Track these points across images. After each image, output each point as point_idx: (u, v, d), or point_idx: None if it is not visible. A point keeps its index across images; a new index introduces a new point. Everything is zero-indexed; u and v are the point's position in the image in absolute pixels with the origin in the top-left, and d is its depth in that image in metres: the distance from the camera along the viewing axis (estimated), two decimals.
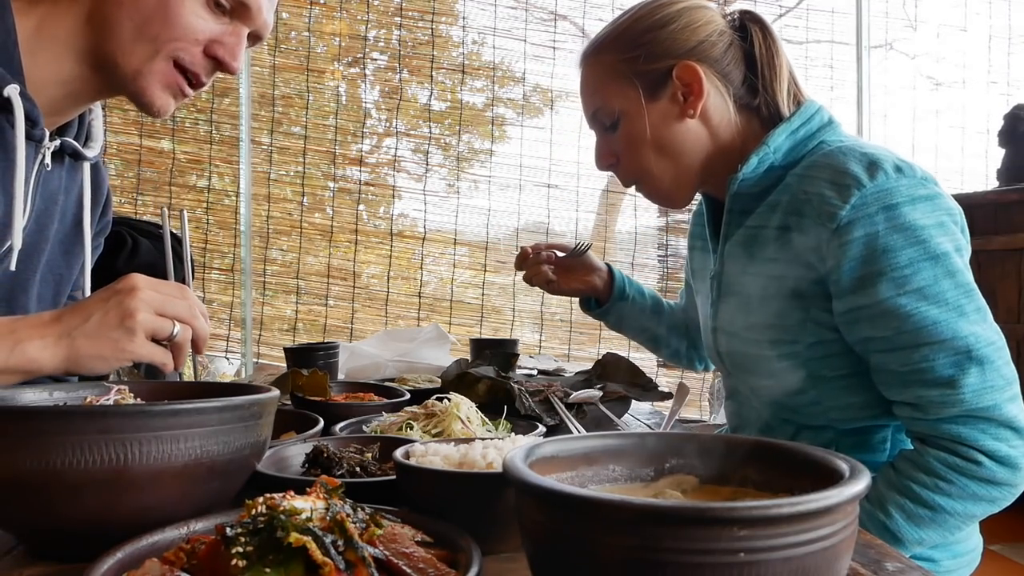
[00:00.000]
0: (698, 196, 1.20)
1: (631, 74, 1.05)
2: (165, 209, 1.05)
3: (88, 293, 1.14)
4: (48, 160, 0.98)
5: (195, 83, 0.96)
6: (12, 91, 0.88)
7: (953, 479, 0.88)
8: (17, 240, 0.94)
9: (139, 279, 0.83)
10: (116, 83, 0.95)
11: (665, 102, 1.05)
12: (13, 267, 0.95)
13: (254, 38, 1.00)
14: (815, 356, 0.99)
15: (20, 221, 0.94)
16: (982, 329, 0.88)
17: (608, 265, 1.40)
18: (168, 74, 0.94)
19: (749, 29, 1.07)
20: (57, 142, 0.99)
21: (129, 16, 0.91)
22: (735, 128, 1.07)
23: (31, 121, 0.92)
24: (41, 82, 0.93)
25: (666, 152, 1.06)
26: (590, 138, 1.15)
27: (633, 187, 1.15)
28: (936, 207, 0.91)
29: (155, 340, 0.84)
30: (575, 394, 1.27)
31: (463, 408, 1.01)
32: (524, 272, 1.36)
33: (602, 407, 1.22)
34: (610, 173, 1.20)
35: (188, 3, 0.91)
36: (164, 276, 0.99)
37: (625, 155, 1.10)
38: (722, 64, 1.05)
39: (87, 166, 1.09)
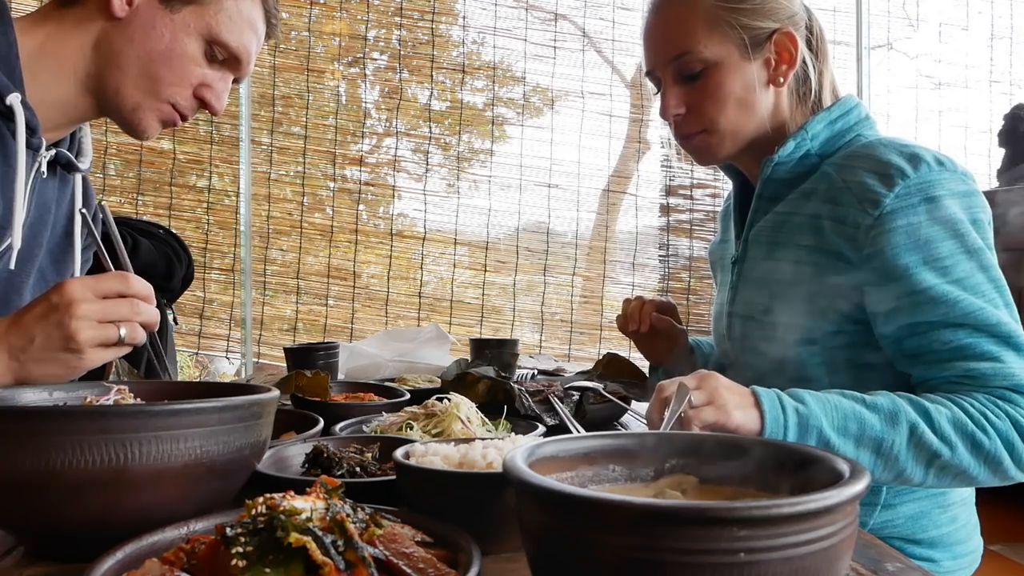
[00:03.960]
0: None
1: (736, 25, 1.01)
2: (101, 204, 1.09)
3: None
4: (44, 168, 1.02)
5: (181, 118, 1.05)
6: (14, 99, 0.92)
7: (1001, 416, 0.85)
8: (17, 239, 0.96)
9: (74, 289, 0.79)
10: (111, 110, 1.01)
11: (758, 64, 1.03)
12: (13, 265, 0.97)
13: (234, 81, 1.09)
14: (830, 345, 0.99)
15: (20, 222, 0.96)
16: (1014, 322, 0.90)
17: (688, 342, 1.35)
18: (164, 110, 1.02)
19: (808, 14, 1.08)
20: (53, 152, 1.03)
21: (138, 55, 0.97)
22: (789, 109, 1.07)
23: (30, 129, 0.96)
24: (39, 101, 0.97)
25: (744, 115, 1.04)
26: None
27: (676, 140, 1.11)
28: (973, 203, 0.94)
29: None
30: (576, 382, 1.27)
31: (463, 408, 1.01)
32: (627, 314, 1.30)
33: (606, 394, 1.22)
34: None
35: (190, 52, 0.99)
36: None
37: (702, 107, 1.04)
38: (801, 40, 1.05)
39: (79, 179, 1.12)
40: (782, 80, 1.04)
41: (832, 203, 0.98)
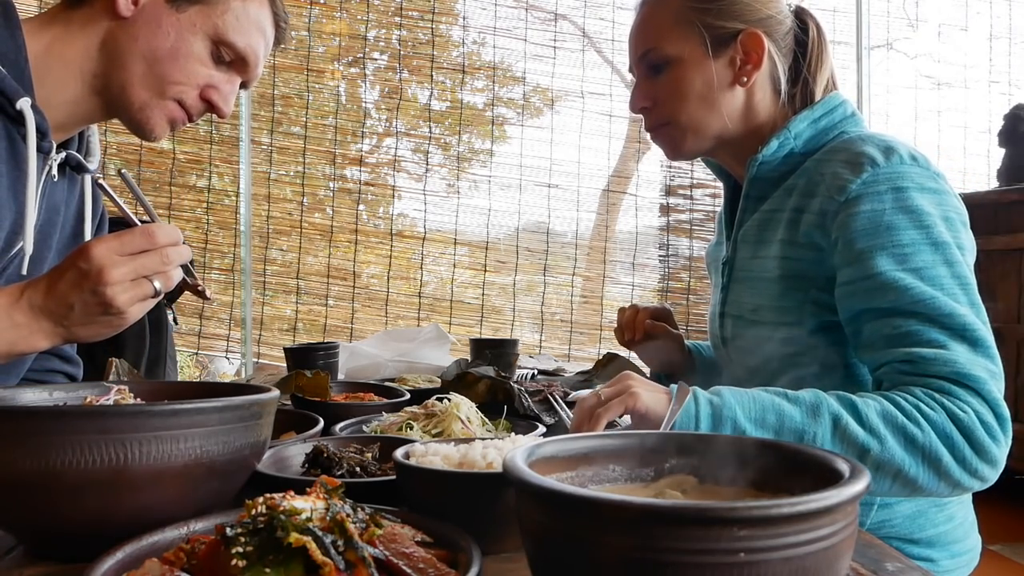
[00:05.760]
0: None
1: (699, 24, 1.04)
2: (121, 171, 1.10)
3: None
4: (55, 171, 1.02)
5: (188, 118, 1.04)
6: (24, 104, 0.92)
7: (936, 408, 0.82)
8: (29, 244, 0.96)
9: (100, 254, 0.79)
10: (118, 109, 1.01)
11: (722, 63, 1.05)
12: (25, 271, 0.97)
13: (242, 86, 1.08)
14: (818, 344, 0.99)
15: (32, 226, 0.96)
16: (976, 319, 0.87)
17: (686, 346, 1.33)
18: (172, 109, 1.01)
19: (807, 21, 1.10)
20: (63, 154, 1.03)
21: (143, 54, 0.97)
22: (770, 110, 1.08)
23: (40, 133, 0.95)
24: (46, 101, 0.97)
25: (704, 111, 1.06)
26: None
27: (648, 133, 1.14)
28: (943, 202, 0.93)
29: None
30: (575, 394, 1.27)
31: (463, 408, 1.01)
32: (622, 324, 1.29)
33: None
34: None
35: (196, 51, 0.99)
36: None
37: (665, 102, 1.08)
38: (780, 45, 1.06)
39: (88, 179, 1.12)
40: (746, 80, 1.05)
41: (809, 196, 0.99)
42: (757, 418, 0.83)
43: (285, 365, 1.67)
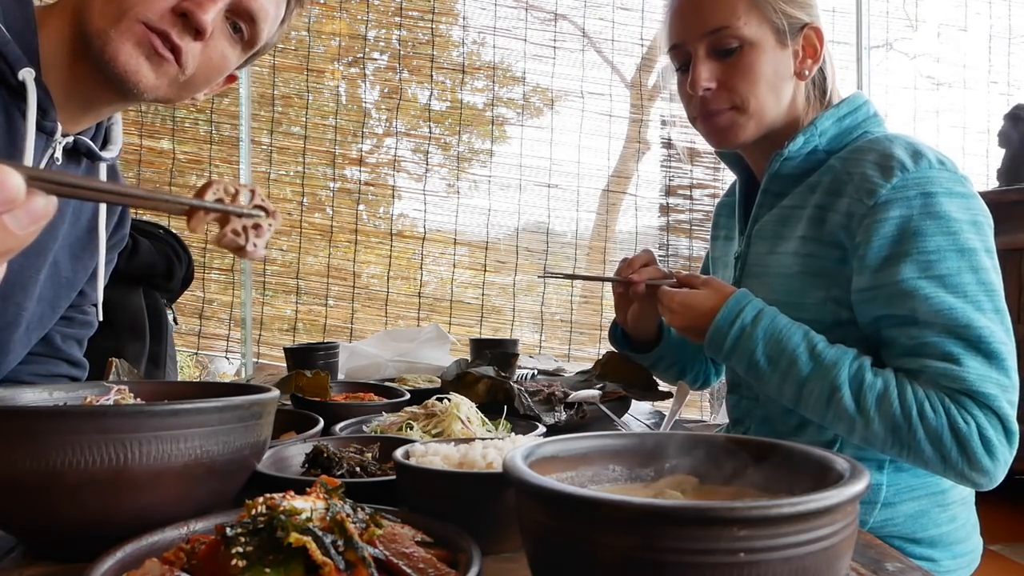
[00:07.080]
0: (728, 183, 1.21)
1: (776, 10, 1.04)
2: None
3: (100, 303, 1.11)
4: (59, 154, 0.96)
5: (170, 45, 0.91)
6: (27, 75, 0.87)
7: (939, 412, 0.87)
8: None
9: None
10: (92, 60, 0.91)
11: (787, 53, 1.06)
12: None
13: (246, 18, 0.95)
14: (835, 339, 0.99)
15: None
16: (997, 328, 0.89)
17: None
18: (137, 32, 0.89)
19: None
20: (70, 139, 0.98)
21: None
22: (804, 106, 1.10)
23: (42, 111, 0.90)
24: (53, 83, 0.92)
25: (771, 100, 1.06)
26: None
27: (695, 119, 1.11)
28: (971, 206, 0.94)
29: None
30: (575, 394, 1.27)
31: (463, 408, 1.01)
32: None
33: (602, 407, 1.22)
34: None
35: None
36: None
37: (735, 86, 1.04)
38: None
39: (104, 168, 1.08)
40: (807, 73, 1.07)
41: (835, 194, 0.99)
42: (772, 356, 0.94)
43: (285, 365, 1.67)
